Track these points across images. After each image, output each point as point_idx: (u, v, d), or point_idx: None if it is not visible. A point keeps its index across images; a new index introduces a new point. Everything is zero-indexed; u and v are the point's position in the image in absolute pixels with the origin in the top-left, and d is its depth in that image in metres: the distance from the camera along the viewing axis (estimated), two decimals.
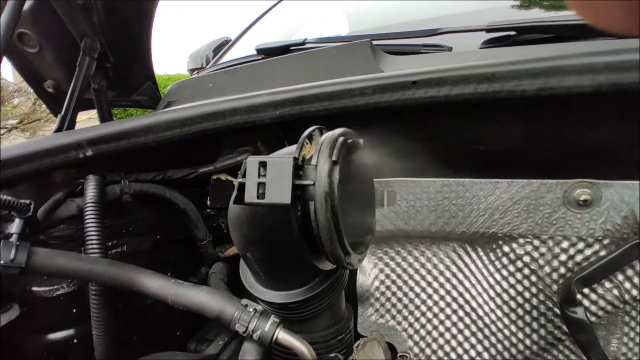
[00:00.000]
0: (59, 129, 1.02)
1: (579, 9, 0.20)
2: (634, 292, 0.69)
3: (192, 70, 1.81)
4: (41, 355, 0.74)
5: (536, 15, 1.08)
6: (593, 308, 0.71)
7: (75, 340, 0.75)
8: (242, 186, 0.45)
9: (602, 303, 0.71)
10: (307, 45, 1.11)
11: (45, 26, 1.03)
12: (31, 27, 1.02)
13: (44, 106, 1.26)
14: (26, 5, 0.98)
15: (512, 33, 0.88)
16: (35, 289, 0.72)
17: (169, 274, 0.92)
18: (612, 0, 0.19)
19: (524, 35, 0.88)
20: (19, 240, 0.58)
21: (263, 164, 0.44)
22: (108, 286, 0.66)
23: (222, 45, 1.83)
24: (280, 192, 0.43)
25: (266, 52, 1.18)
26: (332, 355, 0.60)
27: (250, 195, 0.44)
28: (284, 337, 0.54)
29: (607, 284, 0.70)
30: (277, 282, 0.58)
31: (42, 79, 1.15)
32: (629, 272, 0.69)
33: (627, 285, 0.69)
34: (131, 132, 0.75)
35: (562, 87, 0.60)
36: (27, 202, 0.60)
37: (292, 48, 1.13)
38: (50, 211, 0.68)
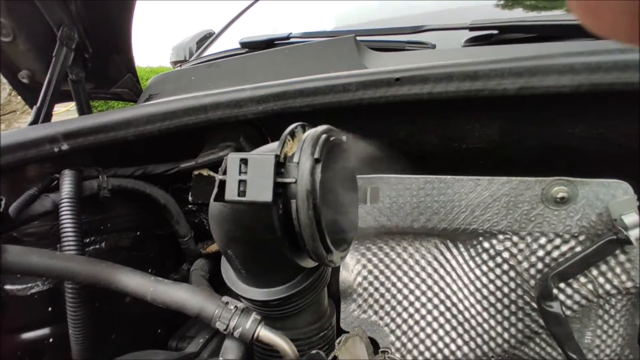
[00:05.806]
0: (34, 122, 0.98)
1: (580, 12, 0.19)
2: (607, 286, 0.71)
3: (174, 63, 1.77)
4: (16, 355, 0.72)
5: (518, 15, 1.10)
6: (568, 302, 0.74)
7: (51, 340, 0.73)
8: (222, 183, 0.44)
9: (577, 297, 0.73)
10: (291, 40, 1.10)
11: (19, 14, 0.98)
12: (5, 14, 0.98)
13: (19, 97, 1.21)
14: None
15: (495, 32, 0.89)
16: (8, 287, 0.70)
17: (150, 271, 0.90)
18: (612, 2, 0.18)
19: (506, 34, 0.89)
20: None
21: (244, 161, 0.43)
22: (84, 284, 0.65)
23: (206, 38, 1.80)
24: (261, 190, 0.42)
25: (250, 46, 1.16)
26: (313, 352, 0.60)
27: (231, 193, 0.43)
28: (266, 334, 0.53)
29: (582, 279, 0.72)
30: (259, 280, 0.58)
31: (16, 69, 1.11)
32: (603, 267, 0.71)
33: (601, 280, 0.71)
34: (110, 125, 0.73)
35: (543, 86, 0.61)
36: None
37: (276, 42, 1.12)
38: (24, 207, 0.66)
